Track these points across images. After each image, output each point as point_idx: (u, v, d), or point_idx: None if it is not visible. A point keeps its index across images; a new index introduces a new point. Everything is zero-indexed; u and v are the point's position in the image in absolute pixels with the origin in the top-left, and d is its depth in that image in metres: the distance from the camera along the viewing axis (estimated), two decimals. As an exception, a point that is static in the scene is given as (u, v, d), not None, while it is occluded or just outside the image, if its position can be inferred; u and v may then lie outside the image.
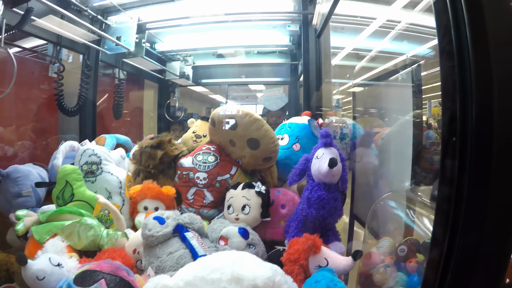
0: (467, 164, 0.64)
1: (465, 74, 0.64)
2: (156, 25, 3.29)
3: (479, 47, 0.62)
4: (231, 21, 3.19)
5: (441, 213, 0.73)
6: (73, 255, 1.31)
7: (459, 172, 0.66)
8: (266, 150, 1.79)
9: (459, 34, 0.65)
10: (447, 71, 0.68)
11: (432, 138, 2.37)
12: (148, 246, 1.36)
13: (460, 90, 0.64)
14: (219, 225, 1.54)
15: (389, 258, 1.38)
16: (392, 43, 2.87)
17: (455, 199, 0.67)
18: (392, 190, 1.58)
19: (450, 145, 0.67)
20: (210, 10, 3.07)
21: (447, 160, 0.69)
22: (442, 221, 0.71)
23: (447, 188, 0.69)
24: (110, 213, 1.60)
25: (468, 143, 0.64)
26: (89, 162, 1.82)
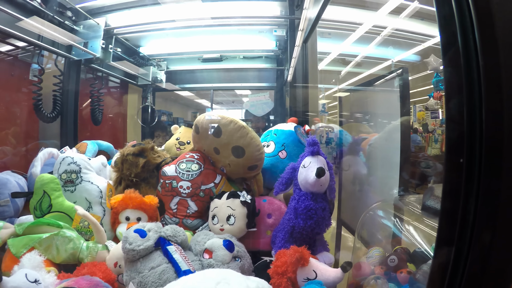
0: (475, 177, 0.60)
1: (473, 81, 0.60)
2: (132, 29, 3.24)
3: (488, 52, 0.58)
4: (216, 25, 3.16)
5: (445, 227, 0.68)
6: (51, 270, 1.25)
7: (466, 184, 0.61)
8: (251, 158, 1.75)
9: (466, 40, 0.61)
10: (453, 76, 0.64)
11: (418, 142, 2.37)
12: (129, 261, 1.29)
13: (467, 96, 0.60)
14: (203, 237, 1.48)
15: (379, 269, 1.34)
16: (378, 49, 2.87)
17: (461, 212, 0.62)
18: (381, 200, 1.56)
19: (456, 159, 0.62)
20: (196, 15, 3.04)
21: (453, 172, 0.64)
22: (447, 235, 0.66)
23: (453, 200, 0.64)
24: (90, 225, 1.52)
25: (476, 155, 0.60)
26: (68, 171, 1.75)
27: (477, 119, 0.59)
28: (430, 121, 3.37)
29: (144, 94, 4.24)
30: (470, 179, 0.61)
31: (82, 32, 2.91)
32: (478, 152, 0.59)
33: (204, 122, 1.77)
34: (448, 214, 0.66)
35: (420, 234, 1.27)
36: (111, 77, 3.82)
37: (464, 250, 0.63)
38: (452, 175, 0.64)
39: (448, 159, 0.64)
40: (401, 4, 2.47)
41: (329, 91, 3.42)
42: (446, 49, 0.64)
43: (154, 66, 3.99)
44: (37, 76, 2.46)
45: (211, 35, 3.52)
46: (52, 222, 1.45)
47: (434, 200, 1.12)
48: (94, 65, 3.21)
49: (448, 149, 0.64)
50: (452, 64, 0.63)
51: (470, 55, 0.60)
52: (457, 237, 0.63)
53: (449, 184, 0.65)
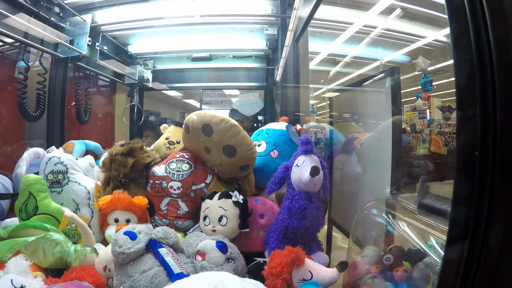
0: (488, 181, 0.58)
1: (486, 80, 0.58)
2: (120, 26, 3.19)
3: (502, 51, 0.56)
4: (206, 23, 3.13)
5: (455, 235, 0.65)
6: (38, 275, 1.21)
7: (479, 189, 0.59)
8: (243, 157, 1.72)
9: (479, 38, 0.59)
10: (465, 75, 0.61)
11: (407, 142, 2.37)
12: (119, 264, 1.25)
13: (480, 98, 0.58)
14: (195, 239, 1.45)
15: (374, 268, 1.34)
16: (368, 49, 2.88)
17: (474, 219, 0.60)
18: (375, 199, 1.55)
19: (468, 157, 0.60)
20: (186, 12, 3.01)
21: (464, 175, 0.62)
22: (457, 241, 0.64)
23: (464, 206, 0.62)
24: (78, 227, 1.48)
25: (489, 154, 0.58)
26: (55, 171, 1.69)
27: (490, 113, 0.57)
28: (418, 122, 3.40)
29: (130, 93, 4.18)
30: (484, 175, 0.59)
31: (68, 29, 2.85)
32: (492, 148, 0.57)
33: (194, 121, 1.73)
34: (460, 208, 0.63)
35: (415, 232, 1.27)
36: (99, 76, 3.76)
37: (478, 247, 0.60)
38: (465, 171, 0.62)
39: (461, 155, 0.61)
40: (391, 5, 2.48)
41: (318, 91, 3.42)
42: (457, 44, 0.62)
43: (140, 65, 3.94)
44: (23, 74, 2.39)
45: (201, 33, 3.49)
46: (38, 225, 1.40)
47: (430, 199, 1.11)
48: (81, 63, 3.15)
49: (461, 145, 0.62)
50: (464, 59, 0.61)
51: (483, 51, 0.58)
52: (471, 233, 0.61)
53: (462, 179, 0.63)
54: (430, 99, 2.62)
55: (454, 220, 0.65)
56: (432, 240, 1.16)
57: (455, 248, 0.66)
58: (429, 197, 1.13)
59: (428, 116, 3.10)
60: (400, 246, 1.35)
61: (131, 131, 4.24)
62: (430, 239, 1.17)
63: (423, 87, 2.15)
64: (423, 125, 4.20)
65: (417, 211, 1.19)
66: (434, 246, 1.13)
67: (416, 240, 1.25)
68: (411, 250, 1.28)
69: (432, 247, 1.15)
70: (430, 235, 1.17)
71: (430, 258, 1.13)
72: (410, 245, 1.28)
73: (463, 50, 0.61)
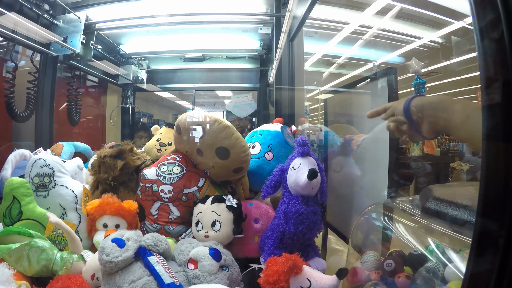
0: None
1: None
2: (114, 25, 3.14)
3: None
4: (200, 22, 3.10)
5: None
6: (22, 284, 1.17)
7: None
8: (236, 160, 1.67)
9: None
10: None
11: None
12: (107, 273, 1.19)
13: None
14: (187, 246, 1.39)
15: (375, 274, 1.29)
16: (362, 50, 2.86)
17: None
18: (375, 203, 1.51)
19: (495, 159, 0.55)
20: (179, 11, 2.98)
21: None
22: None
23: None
24: (64, 233, 1.42)
25: None
26: (41, 174, 1.63)
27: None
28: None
29: (124, 94, 4.13)
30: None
31: (61, 27, 2.79)
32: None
33: (186, 122, 1.67)
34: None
35: (415, 236, 1.23)
36: (90, 76, 3.70)
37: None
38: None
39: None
40: (387, 5, 2.46)
41: (312, 93, 3.40)
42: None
43: (135, 65, 3.89)
44: (10, 73, 2.33)
45: (194, 33, 3.46)
46: (23, 231, 1.34)
47: (435, 202, 1.07)
48: (73, 62, 3.09)
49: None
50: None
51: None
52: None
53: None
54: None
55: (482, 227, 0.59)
56: (432, 244, 1.13)
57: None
58: (434, 201, 1.09)
59: (421, 118, 3.10)
60: (400, 251, 1.30)
61: (123, 133, 4.18)
62: (430, 243, 1.14)
63: (416, 89, 2.13)
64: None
65: (421, 215, 1.15)
66: (435, 250, 1.10)
67: (416, 245, 1.21)
68: (412, 255, 1.23)
69: (433, 251, 1.11)
70: (431, 239, 1.14)
71: (431, 263, 1.09)
72: (410, 249, 1.24)
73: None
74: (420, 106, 0.97)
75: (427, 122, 0.95)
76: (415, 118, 0.97)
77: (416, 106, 0.97)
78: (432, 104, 0.94)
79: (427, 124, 0.95)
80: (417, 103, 0.98)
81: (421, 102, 0.97)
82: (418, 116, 0.96)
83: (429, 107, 0.94)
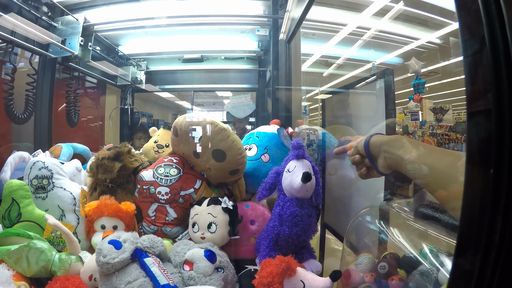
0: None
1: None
2: (112, 27, 3.15)
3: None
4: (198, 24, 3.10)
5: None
6: (21, 285, 1.19)
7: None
8: (232, 162, 1.67)
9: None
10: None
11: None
12: (104, 274, 1.20)
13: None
14: (183, 247, 1.40)
15: (369, 276, 1.30)
16: (360, 51, 2.86)
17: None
18: (369, 206, 1.51)
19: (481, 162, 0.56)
20: (178, 13, 2.98)
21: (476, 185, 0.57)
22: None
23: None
24: (63, 235, 1.43)
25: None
26: (39, 176, 1.64)
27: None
28: (410, 123, 3.37)
29: (123, 95, 4.13)
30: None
31: (60, 29, 2.80)
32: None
33: (183, 124, 1.68)
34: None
35: (409, 239, 1.24)
36: (88, 77, 3.70)
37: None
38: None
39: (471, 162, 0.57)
40: (385, 6, 2.46)
41: (311, 93, 3.41)
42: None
43: (133, 66, 3.90)
44: (9, 75, 2.33)
45: (192, 34, 3.46)
46: (22, 233, 1.35)
47: (427, 206, 1.08)
48: (71, 64, 3.09)
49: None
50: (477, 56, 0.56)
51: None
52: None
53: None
54: (422, 101, 2.61)
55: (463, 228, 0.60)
56: (425, 247, 1.13)
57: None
58: (426, 204, 1.11)
59: (421, 117, 3.10)
60: (395, 253, 1.31)
61: (122, 133, 4.18)
62: (424, 246, 1.14)
63: (416, 89, 2.13)
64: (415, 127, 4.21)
65: (413, 219, 1.16)
66: (428, 254, 1.11)
67: (410, 248, 1.22)
68: (406, 257, 1.24)
69: (426, 254, 1.12)
70: (424, 242, 1.15)
71: (425, 266, 1.10)
72: (404, 252, 1.25)
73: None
74: (377, 143, 1.02)
75: (382, 158, 1.00)
76: (373, 154, 1.03)
77: (374, 143, 1.03)
78: (388, 142, 0.99)
79: (382, 160, 1.00)
80: (375, 139, 1.03)
81: (379, 139, 1.02)
82: (375, 152, 1.02)
83: (385, 144, 0.99)
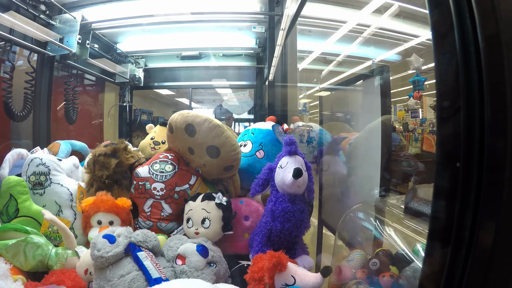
0: (472, 187, 0.54)
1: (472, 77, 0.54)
2: (110, 24, 3.15)
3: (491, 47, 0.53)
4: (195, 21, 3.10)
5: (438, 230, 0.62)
6: (18, 278, 1.20)
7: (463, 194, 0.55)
8: (226, 158, 1.68)
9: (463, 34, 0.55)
10: (448, 73, 0.58)
11: (398, 141, 2.35)
12: (98, 268, 1.22)
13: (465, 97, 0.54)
14: (176, 242, 1.41)
15: (360, 272, 1.31)
16: (359, 48, 2.85)
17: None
18: (362, 201, 1.52)
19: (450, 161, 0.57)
20: (175, 10, 2.98)
21: (446, 180, 0.58)
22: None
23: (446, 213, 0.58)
24: (59, 230, 1.45)
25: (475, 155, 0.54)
26: (37, 173, 1.66)
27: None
28: (410, 121, 3.37)
29: (122, 92, 4.13)
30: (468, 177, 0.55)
31: (58, 27, 2.81)
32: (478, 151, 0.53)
33: (178, 121, 1.69)
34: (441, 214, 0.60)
35: (402, 236, 1.24)
36: (86, 75, 3.71)
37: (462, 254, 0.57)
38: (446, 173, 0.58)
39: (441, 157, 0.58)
40: (384, 3, 2.46)
41: (311, 90, 3.40)
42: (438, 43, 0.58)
43: (132, 64, 3.90)
44: (8, 73, 2.35)
45: (190, 32, 3.46)
46: (19, 228, 1.38)
47: (417, 202, 1.09)
48: (70, 62, 3.10)
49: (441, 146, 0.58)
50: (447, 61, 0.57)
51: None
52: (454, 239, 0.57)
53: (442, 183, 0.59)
54: (422, 98, 2.60)
55: (434, 224, 0.61)
56: (417, 245, 1.14)
57: (435, 256, 0.63)
58: (416, 201, 1.11)
59: (421, 115, 3.08)
60: (387, 250, 1.32)
61: (121, 130, 4.19)
62: (416, 243, 1.15)
63: (415, 86, 2.13)
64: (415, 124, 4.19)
65: (403, 215, 1.16)
66: (420, 251, 1.11)
67: (402, 245, 1.23)
68: (398, 254, 1.25)
69: (418, 252, 1.12)
70: (416, 239, 1.15)
71: (417, 264, 1.11)
72: (397, 249, 1.26)
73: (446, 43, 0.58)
74: None
75: None
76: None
77: None
78: None
79: None
80: None
81: None
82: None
83: None
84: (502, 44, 0.53)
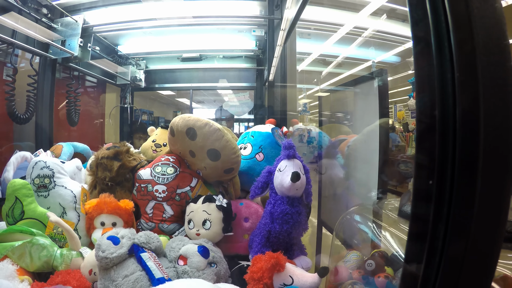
0: (447, 183, 0.58)
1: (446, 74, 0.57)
2: (111, 27, 3.18)
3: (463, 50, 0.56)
4: (196, 24, 3.12)
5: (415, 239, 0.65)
6: (25, 279, 1.23)
7: (438, 193, 0.59)
8: (227, 161, 1.71)
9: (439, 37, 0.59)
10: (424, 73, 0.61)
11: (398, 142, 2.38)
12: (102, 268, 1.25)
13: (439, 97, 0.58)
14: (178, 243, 1.45)
15: (356, 273, 1.33)
16: (358, 50, 2.87)
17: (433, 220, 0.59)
18: (359, 204, 1.55)
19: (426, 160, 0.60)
20: (176, 13, 3.00)
21: (422, 179, 0.62)
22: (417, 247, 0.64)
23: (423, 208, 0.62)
24: (64, 231, 1.48)
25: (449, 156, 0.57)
26: (41, 175, 1.70)
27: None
28: (411, 121, 3.38)
29: (123, 94, 4.16)
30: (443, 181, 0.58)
31: (59, 30, 2.83)
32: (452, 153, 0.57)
33: (179, 124, 1.72)
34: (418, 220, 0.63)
35: (397, 238, 1.27)
36: (88, 77, 3.74)
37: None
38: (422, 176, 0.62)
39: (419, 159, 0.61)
40: (382, 6, 2.48)
41: (310, 91, 3.42)
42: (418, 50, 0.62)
43: (133, 65, 3.92)
44: (11, 76, 2.38)
45: (191, 34, 3.48)
46: (25, 230, 1.41)
47: (410, 206, 1.11)
48: (71, 64, 3.13)
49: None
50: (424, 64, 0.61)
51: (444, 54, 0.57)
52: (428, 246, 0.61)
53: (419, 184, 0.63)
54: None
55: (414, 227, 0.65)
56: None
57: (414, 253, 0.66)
58: (409, 204, 1.13)
59: (420, 115, 3.11)
60: (383, 251, 1.34)
61: (122, 132, 4.22)
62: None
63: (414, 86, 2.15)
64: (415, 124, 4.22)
65: (398, 218, 1.19)
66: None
67: (396, 246, 1.25)
68: (393, 256, 1.27)
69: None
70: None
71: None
72: (392, 251, 1.28)
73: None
74: None
75: None
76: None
77: None
78: None
79: None
80: None
81: None
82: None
83: None
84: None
